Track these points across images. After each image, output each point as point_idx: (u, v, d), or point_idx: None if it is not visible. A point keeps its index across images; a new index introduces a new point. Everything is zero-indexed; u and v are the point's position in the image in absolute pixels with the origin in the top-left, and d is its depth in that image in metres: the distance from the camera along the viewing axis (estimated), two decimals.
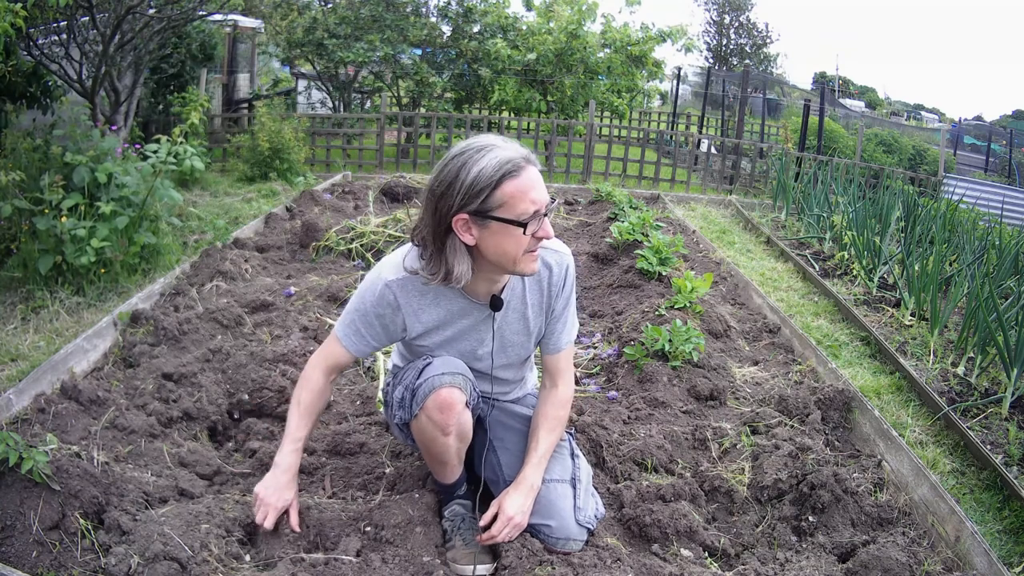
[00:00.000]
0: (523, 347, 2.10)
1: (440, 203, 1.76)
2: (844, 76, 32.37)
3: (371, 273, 1.99)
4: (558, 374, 2.14)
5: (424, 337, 1.99)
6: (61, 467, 1.96)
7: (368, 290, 1.95)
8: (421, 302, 1.94)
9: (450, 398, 1.87)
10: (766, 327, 4.10)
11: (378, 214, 5.61)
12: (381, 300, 1.92)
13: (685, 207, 7.95)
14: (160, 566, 1.77)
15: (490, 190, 1.72)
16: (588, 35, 9.85)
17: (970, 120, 24.88)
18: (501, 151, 1.74)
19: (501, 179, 1.72)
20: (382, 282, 1.92)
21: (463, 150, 1.76)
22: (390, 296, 1.92)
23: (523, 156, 1.76)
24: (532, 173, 1.77)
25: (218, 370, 2.96)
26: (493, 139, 1.78)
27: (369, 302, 1.94)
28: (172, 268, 4.22)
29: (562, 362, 2.14)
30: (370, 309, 1.94)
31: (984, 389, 3.51)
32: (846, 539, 2.19)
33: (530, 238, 1.78)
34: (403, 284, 1.91)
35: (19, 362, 3.08)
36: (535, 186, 1.76)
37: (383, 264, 1.98)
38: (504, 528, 1.95)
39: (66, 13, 5.21)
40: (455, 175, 1.74)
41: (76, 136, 4.24)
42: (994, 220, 6.88)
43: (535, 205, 1.76)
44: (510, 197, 1.74)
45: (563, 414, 2.13)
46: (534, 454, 2.05)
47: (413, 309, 1.94)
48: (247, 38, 11.53)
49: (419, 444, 2.03)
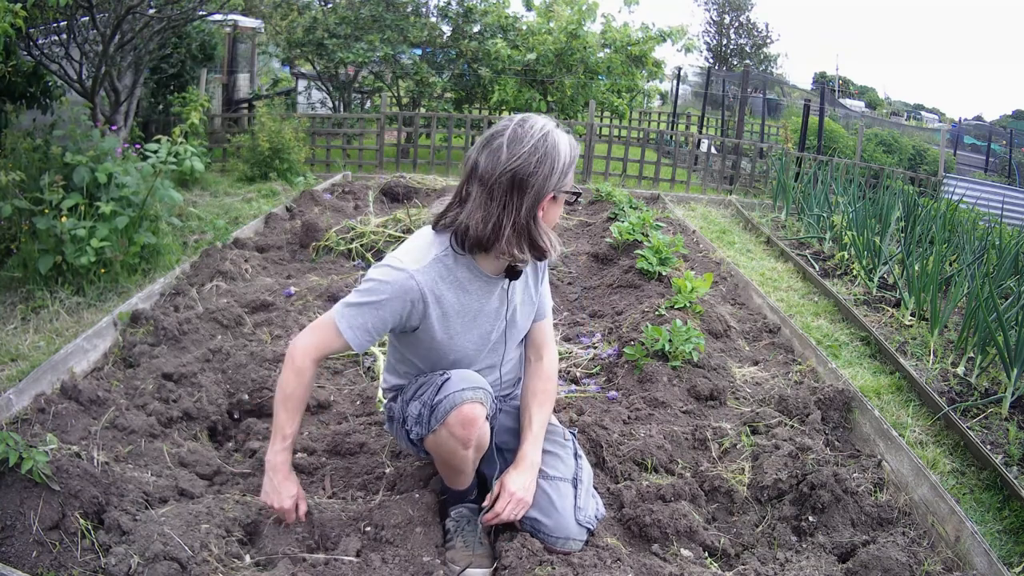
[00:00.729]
0: (526, 321, 2.14)
1: (533, 184, 1.79)
2: (844, 76, 32.40)
3: (384, 267, 1.89)
4: (543, 344, 2.19)
5: (442, 325, 1.93)
6: (61, 467, 1.96)
7: (387, 283, 1.85)
8: (443, 287, 1.91)
9: (472, 413, 1.87)
10: (766, 327, 4.10)
11: (378, 214, 5.61)
12: (405, 292, 1.85)
13: (685, 207, 7.95)
14: (160, 566, 1.77)
15: (562, 175, 1.84)
16: (588, 35, 9.86)
17: (970, 120, 24.89)
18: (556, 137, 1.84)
19: (567, 168, 1.85)
20: (405, 274, 1.85)
21: (543, 132, 1.81)
22: (415, 286, 1.85)
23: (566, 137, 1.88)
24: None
25: (218, 370, 2.96)
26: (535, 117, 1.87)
27: (389, 295, 1.85)
28: (172, 268, 4.22)
29: (546, 330, 2.21)
30: (387, 303, 1.85)
31: (984, 389, 3.51)
32: (846, 539, 2.19)
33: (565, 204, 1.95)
34: (427, 272, 1.87)
35: (19, 362, 3.08)
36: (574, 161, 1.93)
37: (400, 257, 1.90)
38: (507, 505, 1.95)
39: (66, 13, 5.21)
40: (552, 155, 1.80)
41: (76, 136, 4.24)
42: (994, 220, 6.88)
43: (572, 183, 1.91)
44: (567, 179, 1.87)
45: (551, 387, 2.15)
46: (529, 431, 2.06)
47: (436, 297, 1.89)
48: (247, 38, 11.53)
49: (435, 457, 2.03)
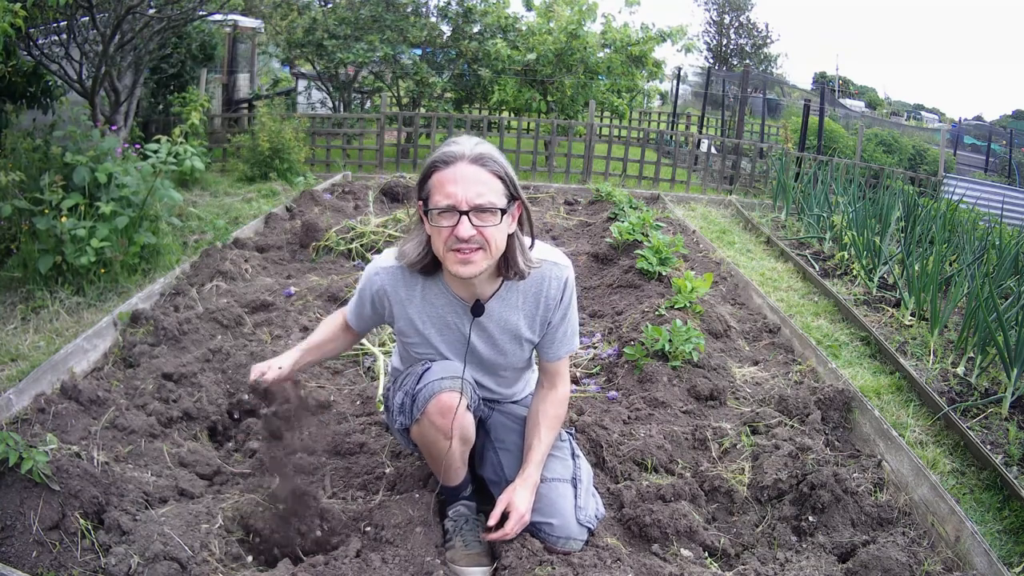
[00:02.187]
0: (515, 355, 2.09)
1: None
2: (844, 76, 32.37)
3: (367, 266, 2.10)
4: (556, 376, 2.14)
5: (411, 332, 2.02)
6: (61, 467, 1.97)
7: (364, 275, 2.07)
8: (409, 294, 1.99)
9: (450, 402, 1.88)
10: (766, 327, 4.10)
11: (378, 214, 5.61)
12: (372, 285, 2.03)
13: (685, 207, 7.95)
14: (160, 566, 1.77)
15: (424, 179, 1.80)
16: (588, 35, 9.85)
17: (970, 120, 24.87)
18: (453, 145, 1.79)
19: (431, 169, 1.79)
20: (374, 268, 2.03)
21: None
22: (379, 283, 2.01)
23: (466, 153, 1.77)
24: (462, 169, 1.75)
25: (218, 370, 2.96)
26: (466, 137, 1.83)
27: (364, 286, 2.05)
28: (172, 268, 4.22)
29: (560, 367, 2.14)
30: (365, 293, 2.06)
31: (984, 389, 3.51)
32: (846, 539, 2.19)
33: (449, 234, 1.77)
34: (392, 273, 1.99)
35: (19, 362, 3.08)
36: (457, 180, 1.75)
37: (378, 257, 2.08)
38: (515, 526, 1.95)
39: (66, 13, 5.21)
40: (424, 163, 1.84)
41: (76, 136, 4.24)
42: (994, 220, 6.88)
43: (448, 199, 1.75)
44: (433, 188, 1.79)
45: (562, 412, 2.15)
46: (536, 452, 2.05)
47: (400, 299, 2.00)
48: (247, 38, 11.53)
49: (421, 448, 2.04)
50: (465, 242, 1.76)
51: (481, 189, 1.76)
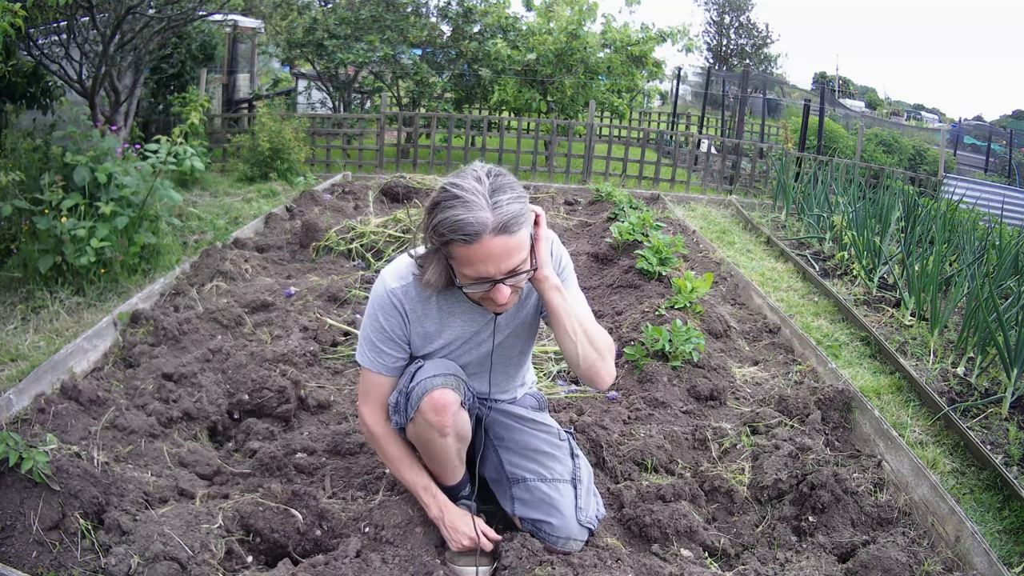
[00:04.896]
0: (525, 346, 2.10)
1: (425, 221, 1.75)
2: (844, 76, 32.35)
3: (374, 288, 1.95)
4: None
5: (427, 344, 1.98)
6: (61, 467, 1.97)
7: (376, 304, 1.92)
8: (424, 308, 1.93)
9: (443, 399, 1.87)
10: (766, 327, 4.10)
11: (378, 214, 5.61)
12: (390, 309, 1.91)
13: (685, 207, 7.95)
14: (160, 566, 1.77)
15: (442, 243, 1.70)
16: (588, 35, 9.85)
17: (970, 120, 24.86)
18: (465, 212, 1.63)
19: (450, 241, 1.67)
20: (386, 290, 1.90)
21: (444, 189, 1.69)
22: (395, 302, 1.90)
23: (488, 224, 1.64)
24: (488, 246, 1.65)
25: (218, 370, 2.96)
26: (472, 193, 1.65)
27: (380, 315, 1.92)
28: (172, 268, 4.22)
29: None
30: (383, 323, 1.92)
31: (984, 389, 3.51)
32: (846, 539, 2.19)
33: (484, 295, 1.77)
34: (407, 290, 1.91)
35: (19, 362, 3.08)
36: (488, 260, 1.67)
37: (385, 275, 1.94)
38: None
39: (66, 13, 5.21)
40: (429, 211, 1.71)
41: (76, 136, 4.24)
42: (994, 220, 6.88)
43: (478, 275, 1.71)
44: (458, 258, 1.71)
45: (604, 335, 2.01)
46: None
47: (417, 315, 1.93)
48: (247, 38, 11.53)
49: (418, 447, 2.03)
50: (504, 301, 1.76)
51: (513, 258, 1.69)
